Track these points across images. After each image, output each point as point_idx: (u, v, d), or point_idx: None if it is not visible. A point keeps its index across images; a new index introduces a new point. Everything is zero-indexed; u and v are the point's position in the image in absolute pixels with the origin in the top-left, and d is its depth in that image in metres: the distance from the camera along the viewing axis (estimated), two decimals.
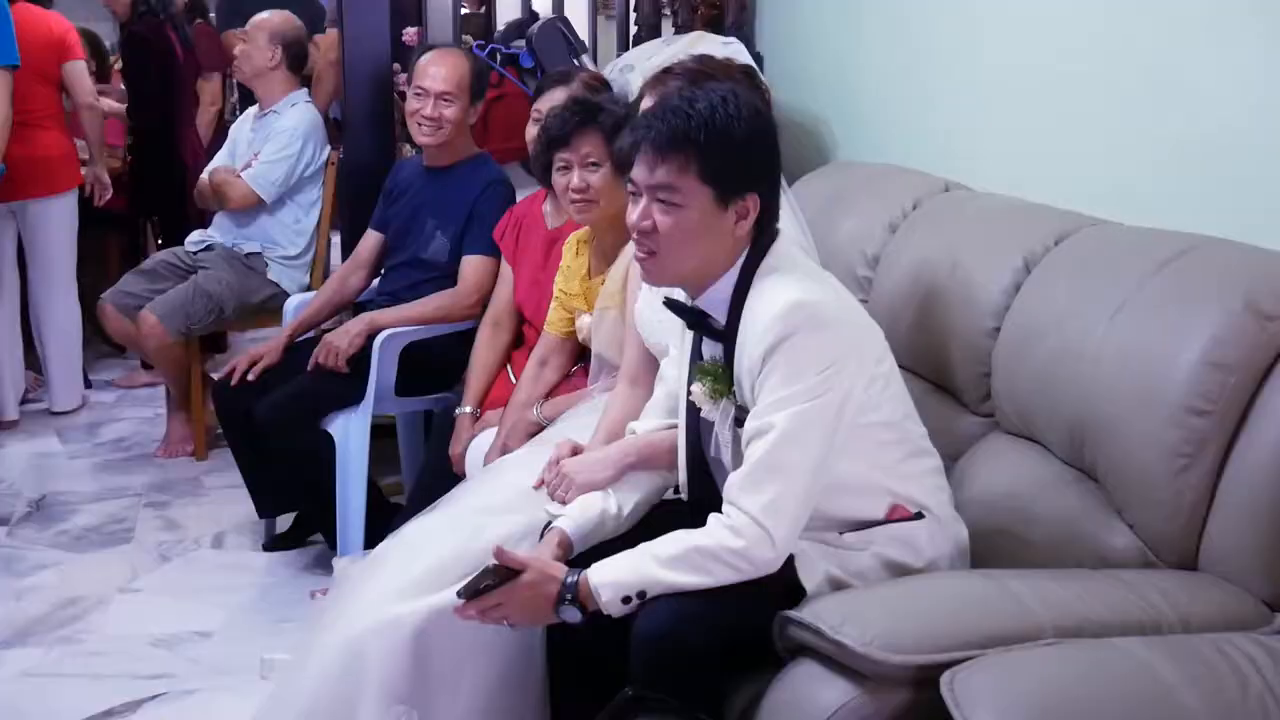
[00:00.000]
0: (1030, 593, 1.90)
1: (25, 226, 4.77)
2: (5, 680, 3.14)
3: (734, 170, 2.07)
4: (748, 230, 2.11)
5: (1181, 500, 1.96)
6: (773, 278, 2.09)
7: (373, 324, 3.63)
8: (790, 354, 1.99)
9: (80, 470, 4.51)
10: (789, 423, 1.98)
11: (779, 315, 2.00)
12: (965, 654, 1.77)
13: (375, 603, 2.38)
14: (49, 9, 4.82)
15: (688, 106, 2.08)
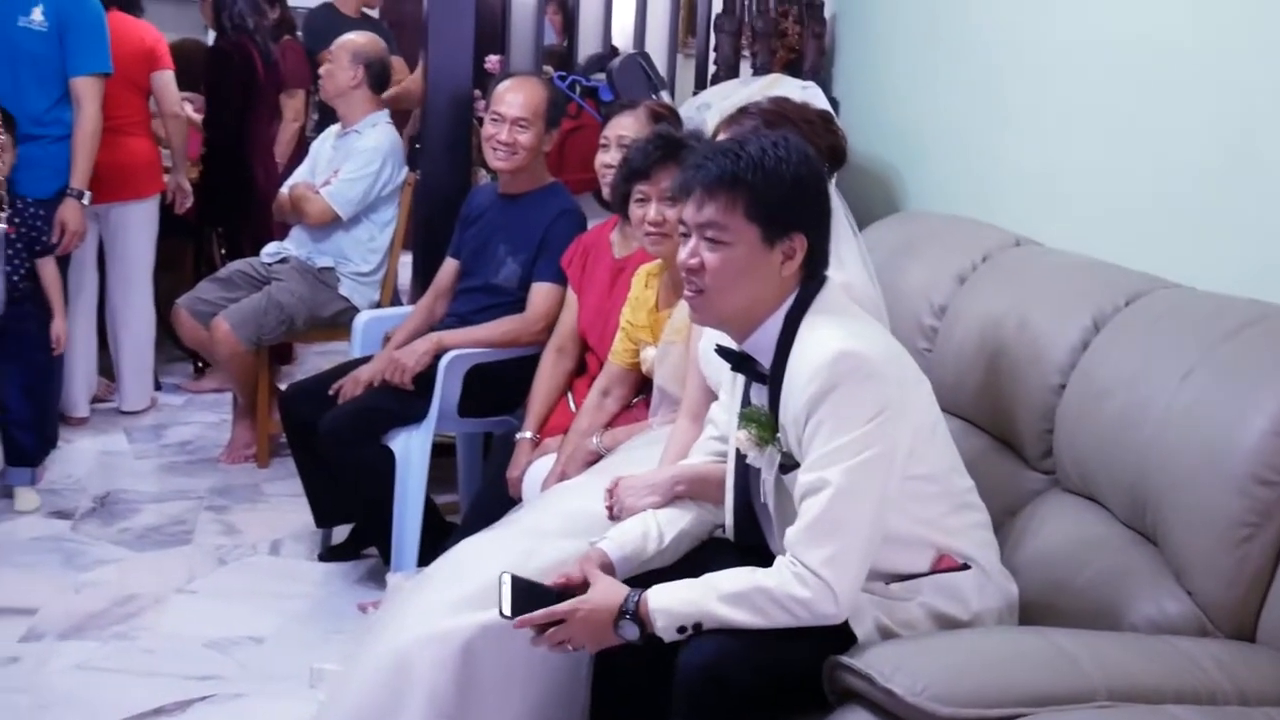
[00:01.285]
0: (1084, 653, 1.87)
1: (107, 229, 4.82)
2: (60, 671, 3.17)
3: (781, 210, 2.07)
4: (795, 272, 2.11)
5: (1243, 570, 1.93)
6: (819, 322, 2.07)
7: (440, 344, 3.64)
8: (838, 405, 1.98)
9: (145, 470, 4.54)
10: (843, 478, 1.96)
11: (825, 364, 1.99)
12: (1016, 711, 1.76)
13: (426, 615, 2.39)
14: (140, 19, 4.89)
15: (737, 149, 2.10)
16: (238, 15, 5.35)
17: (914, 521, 2.09)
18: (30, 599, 3.50)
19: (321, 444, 3.63)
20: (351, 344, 4.15)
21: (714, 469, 2.33)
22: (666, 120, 3.35)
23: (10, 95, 4.10)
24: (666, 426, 2.82)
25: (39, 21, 4.22)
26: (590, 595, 2.07)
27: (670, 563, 2.27)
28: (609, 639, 2.06)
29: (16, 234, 4.09)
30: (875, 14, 3.95)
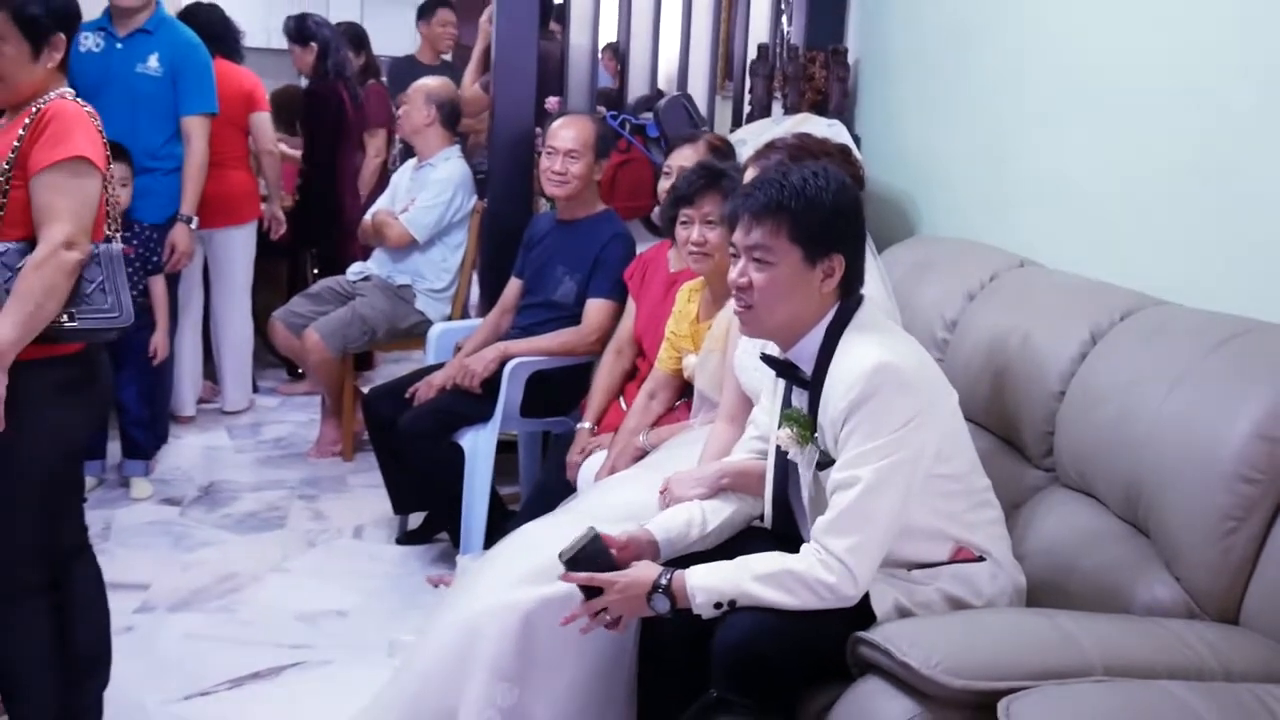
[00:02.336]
0: (1083, 633, 1.85)
1: (211, 251, 4.85)
2: (171, 640, 3.20)
3: (821, 233, 2.07)
4: (833, 288, 2.10)
5: (1228, 559, 1.91)
6: (859, 337, 2.07)
7: (505, 352, 3.65)
8: (874, 411, 1.98)
9: (244, 463, 4.56)
10: (873, 476, 1.96)
11: (865, 374, 1.99)
12: (1021, 683, 1.74)
13: (491, 589, 2.39)
14: (241, 65, 4.93)
15: (781, 178, 2.10)
16: (338, 63, 5.42)
17: (937, 516, 2.09)
18: (144, 576, 3.53)
19: (399, 440, 3.65)
20: (426, 352, 4.18)
21: (755, 464, 2.32)
22: (722, 152, 3.35)
23: (128, 133, 4.13)
24: (705, 427, 2.82)
25: (155, 68, 4.26)
26: (629, 571, 2.09)
27: (712, 546, 2.26)
28: (642, 610, 2.07)
29: (134, 254, 4.13)
30: (893, 59, 3.94)
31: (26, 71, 2.37)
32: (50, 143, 2.29)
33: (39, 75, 2.38)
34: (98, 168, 2.33)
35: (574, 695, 2.32)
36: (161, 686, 2.94)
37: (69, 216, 2.28)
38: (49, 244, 2.26)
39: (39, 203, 2.29)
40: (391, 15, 7.01)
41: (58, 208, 2.28)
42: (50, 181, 2.28)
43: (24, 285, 2.26)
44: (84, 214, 2.31)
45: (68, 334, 2.35)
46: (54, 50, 2.37)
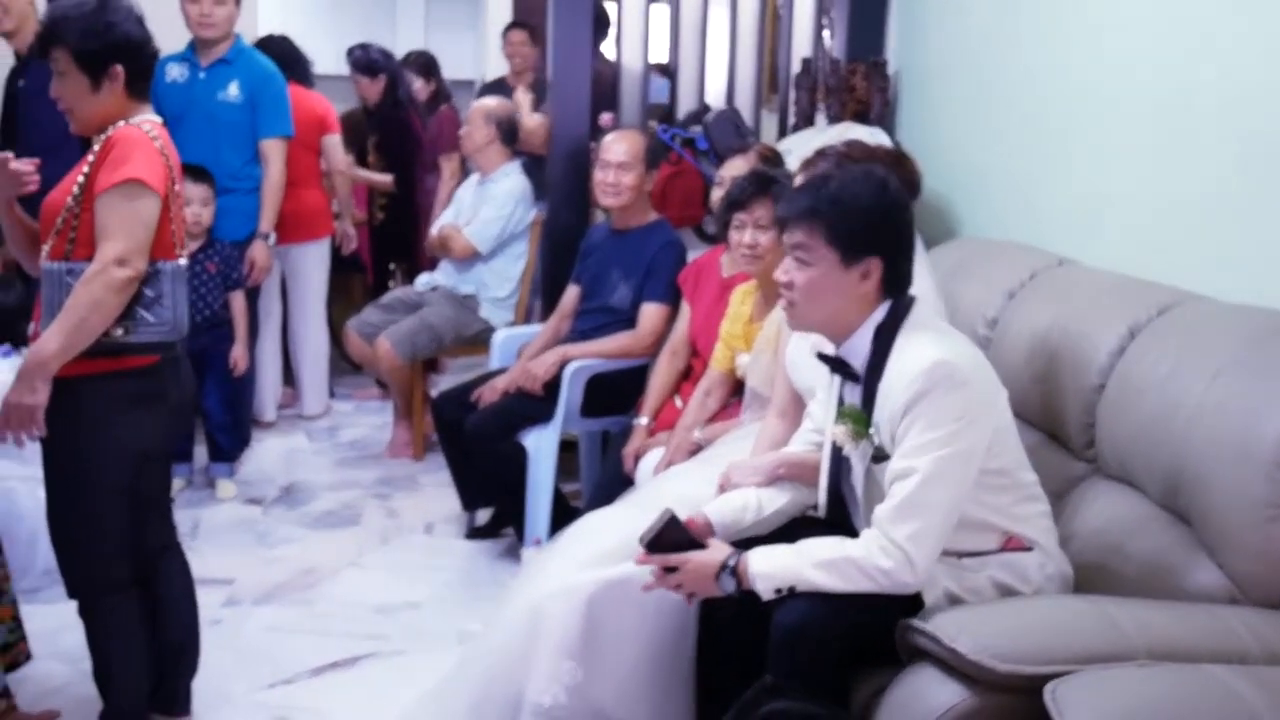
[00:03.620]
0: (1127, 618, 1.81)
1: (287, 266, 4.88)
2: (255, 630, 3.22)
3: (856, 237, 2.06)
4: (873, 289, 2.08)
5: (1269, 546, 1.86)
6: (916, 338, 2.05)
7: (565, 356, 3.66)
8: (931, 406, 1.96)
9: (322, 464, 4.59)
10: (931, 467, 1.94)
11: (923, 372, 1.97)
12: (1066, 668, 1.71)
13: (556, 574, 2.40)
14: (312, 90, 4.97)
15: (820, 184, 2.10)
16: (406, 91, 5.48)
17: (987, 509, 2.06)
18: (229, 571, 3.56)
19: (467, 441, 3.66)
20: (490, 357, 4.18)
21: (811, 456, 2.31)
22: (772, 162, 3.33)
23: (211, 156, 4.18)
24: (757, 423, 2.80)
25: (235, 95, 4.31)
26: (700, 553, 2.09)
27: (767, 532, 2.25)
28: (712, 589, 2.07)
29: (216, 270, 4.18)
30: (932, 69, 3.89)
31: (88, 102, 2.39)
32: (111, 166, 2.31)
33: (103, 105, 2.39)
34: (154, 190, 2.33)
35: (636, 675, 2.32)
36: (247, 676, 2.96)
37: (122, 235, 2.29)
38: (101, 261, 2.27)
39: (98, 222, 2.31)
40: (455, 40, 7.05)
41: (112, 227, 2.29)
42: (108, 202, 2.30)
43: (72, 299, 2.27)
44: (138, 233, 2.31)
45: (125, 347, 2.35)
46: (113, 81, 2.37)
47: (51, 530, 2.48)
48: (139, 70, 2.41)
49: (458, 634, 3.18)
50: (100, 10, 2.37)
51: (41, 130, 3.47)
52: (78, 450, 2.38)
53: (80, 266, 2.30)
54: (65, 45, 2.35)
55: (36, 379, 2.26)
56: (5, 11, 3.84)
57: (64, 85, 2.38)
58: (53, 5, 2.48)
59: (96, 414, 2.36)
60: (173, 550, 2.65)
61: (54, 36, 2.37)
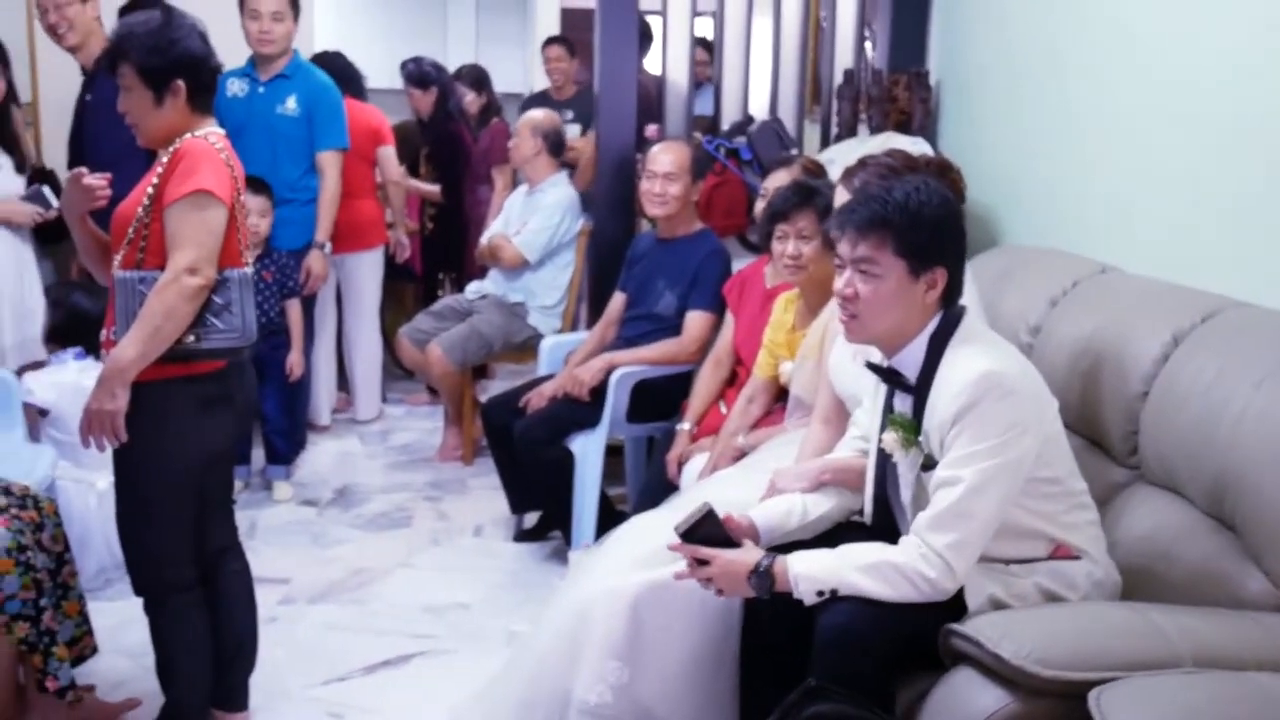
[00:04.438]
0: (1172, 625, 1.78)
1: (342, 274, 4.92)
2: (311, 628, 3.25)
3: (924, 246, 2.02)
4: (936, 299, 2.05)
5: None
6: (966, 348, 2.02)
7: (611, 363, 3.65)
8: (979, 416, 1.93)
9: (374, 468, 4.62)
10: (975, 477, 1.92)
11: (972, 382, 1.94)
12: (1110, 674, 1.67)
13: (603, 575, 2.39)
14: (367, 104, 5.01)
15: (885, 194, 2.05)
16: (457, 103, 5.51)
17: (1036, 517, 2.03)
18: (285, 570, 3.59)
19: (516, 445, 3.67)
20: (538, 363, 4.19)
21: (856, 461, 2.29)
22: (814, 174, 3.31)
23: (269, 168, 4.22)
24: (800, 429, 2.78)
25: (293, 109, 4.35)
26: (734, 551, 2.07)
27: (811, 536, 2.23)
28: (742, 589, 2.05)
29: (272, 279, 4.21)
30: (973, 79, 3.86)
31: (152, 116, 2.41)
32: (179, 178, 2.33)
33: (167, 118, 2.41)
34: (221, 200, 2.35)
35: (680, 675, 2.31)
36: (302, 672, 2.99)
37: (192, 245, 2.31)
38: (172, 270, 2.30)
39: (168, 232, 2.33)
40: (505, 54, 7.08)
41: (182, 237, 2.31)
42: (177, 213, 2.32)
43: (146, 308, 2.30)
44: (207, 242, 2.33)
45: (196, 353, 2.37)
46: (175, 95, 2.40)
47: (120, 530, 2.51)
48: (201, 85, 2.44)
49: (506, 634, 3.18)
50: (164, 27, 2.40)
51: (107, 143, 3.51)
52: (148, 453, 2.40)
53: (152, 275, 2.32)
54: (130, 61, 2.38)
55: (116, 385, 2.29)
56: (70, 27, 3.90)
57: (129, 99, 2.41)
58: (120, 22, 2.51)
59: (168, 418, 2.39)
60: (234, 550, 2.67)
61: (120, 52, 2.40)
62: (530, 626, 2.88)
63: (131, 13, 3.87)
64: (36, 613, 2.51)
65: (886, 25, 4.24)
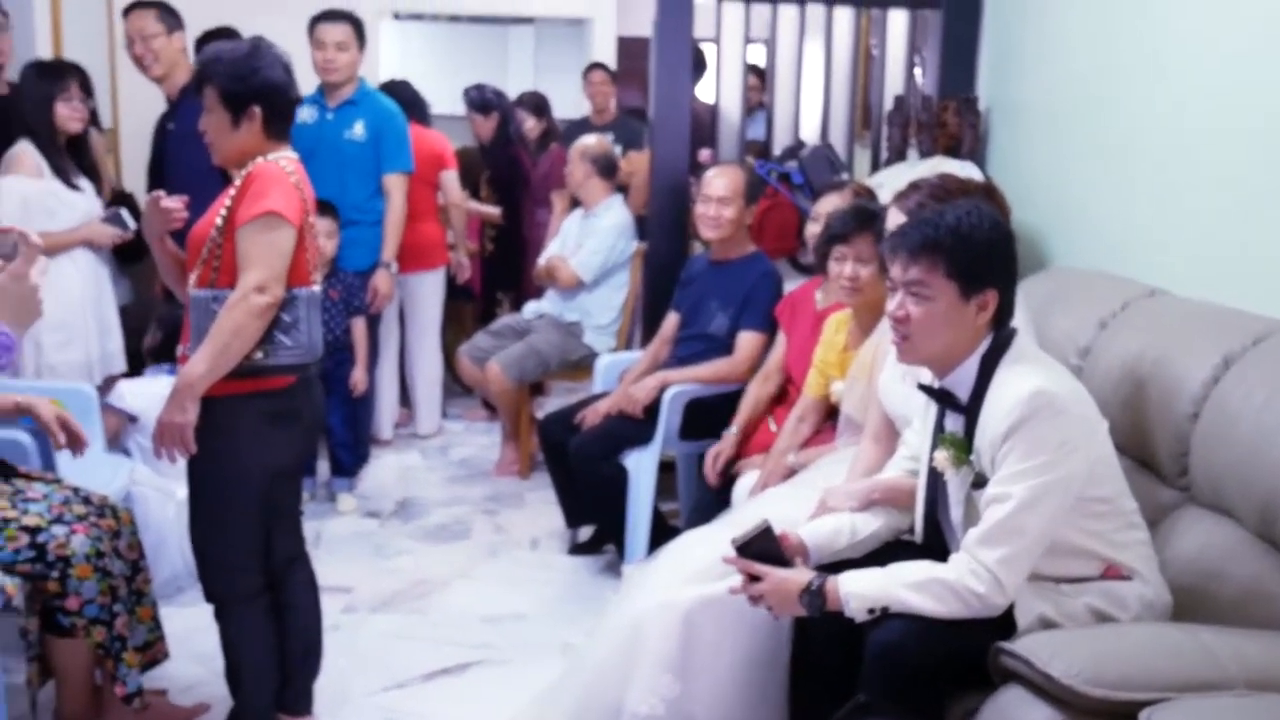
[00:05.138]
0: (1224, 647, 1.74)
1: (405, 294, 4.94)
2: (372, 636, 3.27)
3: (976, 269, 2.01)
4: (987, 321, 2.04)
5: None
6: (1017, 367, 2.00)
7: (664, 381, 3.66)
8: (1030, 434, 1.91)
9: (434, 481, 4.63)
10: (1026, 493, 1.90)
11: (1023, 400, 1.92)
12: (1160, 695, 1.65)
13: (656, 589, 2.39)
14: (430, 129, 5.06)
15: (937, 218, 2.04)
16: (517, 128, 5.56)
17: (1088, 536, 2.00)
18: (348, 580, 3.61)
19: (571, 461, 3.68)
20: (593, 381, 4.20)
21: (906, 481, 2.27)
22: (865, 199, 3.30)
23: (337, 191, 4.27)
24: (851, 447, 2.76)
25: (360, 134, 4.40)
26: (786, 570, 2.06)
27: (861, 555, 2.21)
28: (793, 607, 2.04)
29: (339, 298, 4.26)
30: (1022, 104, 3.82)
31: (228, 137, 2.46)
32: (250, 200, 2.37)
33: (241, 141, 2.46)
34: (290, 222, 2.38)
35: (731, 690, 2.30)
36: (364, 679, 3.00)
37: (261, 264, 2.34)
38: (242, 289, 2.34)
39: (239, 252, 2.37)
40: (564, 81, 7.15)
41: (252, 257, 2.35)
42: (248, 234, 2.36)
43: (216, 325, 2.33)
44: (276, 262, 2.36)
45: (264, 369, 2.40)
46: (251, 120, 2.44)
47: (192, 539, 2.55)
48: (277, 113, 2.48)
49: (561, 645, 3.18)
50: (249, 56, 2.45)
51: (187, 169, 3.58)
52: (219, 465, 2.44)
53: (224, 293, 2.36)
54: (214, 84, 2.44)
55: (186, 399, 2.33)
56: (155, 59, 3.98)
57: (209, 119, 2.47)
58: (211, 47, 2.57)
59: (238, 431, 2.43)
60: (301, 560, 2.70)
61: (206, 75, 2.47)
62: (584, 638, 2.88)
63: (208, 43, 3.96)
64: (110, 618, 2.55)
65: (936, 52, 4.22)
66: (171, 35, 4.00)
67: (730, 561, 2.09)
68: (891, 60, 4.52)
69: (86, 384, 3.55)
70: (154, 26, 3.94)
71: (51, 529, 2.50)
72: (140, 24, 3.96)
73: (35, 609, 2.53)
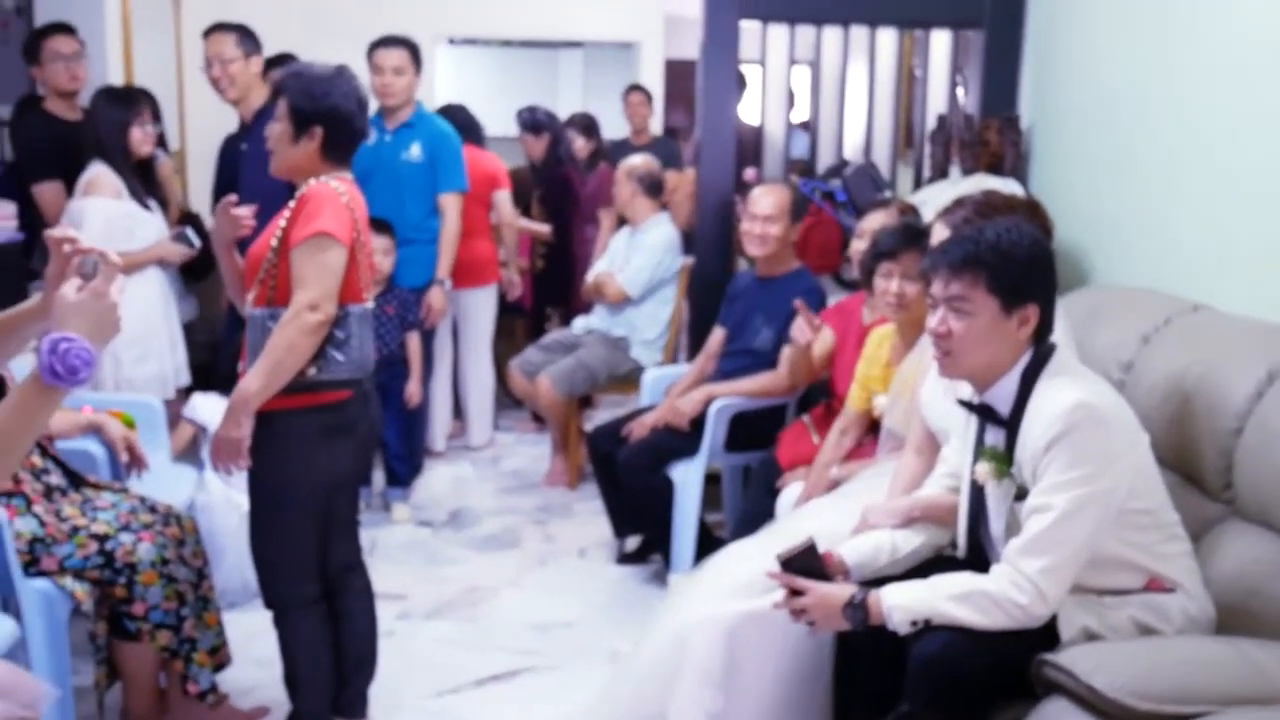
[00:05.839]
0: (1270, 660, 1.71)
1: (458, 309, 4.95)
2: (425, 642, 3.28)
3: (1016, 284, 1.99)
4: (1028, 335, 2.01)
5: None
6: (1057, 380, 1.98)
7: (710, 395, 3.64)
8: (1072, 445, 1.88)
9: (486, 491, 4.64)
10: (1068, 504, 1.87)
11: (1065, 412, 1.90)
12: (1205, 709, 1.62)
13: (700, 602, 2.37)
14: (484, 150, 5.10)
15: (977, 235, 2.03)
16: (567, 148, 5.59)
17: (1130, 548, 1.97)
18: (403, 587, 3.63)
19: (619, 472, 3.68)
20: (641, 395, 4.19)
21: (946, 498, 2.24)
22: (909, 217, 3.28)
23: (394, 210, 4.30)
24: (892, 460, 2.73)
25: (416, 155, 4.43)
26: (829, 585, 2.06)
27: (902, 570, 2.19)
28: (835, 621, 2.03)
29: (394, 313, 4.30)
30: (1063, 123, 3.78)
31: (286, 149, 2.50)
32: (303, 221, 2.39)
33: (297, 156, 2.49)
34: (341, 241, 2.40)
35: (774, 703, 2.28)
36: (417, 684, 3.02)
37: (314, 283, 2.36)
38: (294, 307, 2.36)
39: (293, 272, 2.39)
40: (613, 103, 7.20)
41: (304, 276, 2.37)
42: (300, 254, 2.38)
43: (270, 342, 2.35)
44: (327, 281, 2.38)
45: (318, 384, 2.42)
46: (310, 139, 2.47)
47: (252, 548, 2.58)
48: (338, 138, 2.50)
49: (608, 652, 3.17)
50: (324, 79, 2.48)
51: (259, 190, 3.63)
52: (277, 477, 2.46)
53: (280, 311, 2.39)
54: (287, 96, 2.48)
55: (241, 415, 2.36)
56: (232, 82, 4.00)
57: (275, 128, 2.51)
58: (298, 63, 2.62)
59: (294, 444, 2.45)
60: (357, 569, 2.72)
61: (282, 86, 2.51)
62: (631, 645, 2.87)
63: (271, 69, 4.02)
64: (178, 622, 2.58)
65: (979, 71, 4.19)
66: (249, 60, 4.02)
67: (774, 577, 2.08)
68: (934, 80, 4.49)
69: (158, 397, 3.61)
70: (233, 51, 3.97)
71: (119, 536, 2.54)
72: (220, 47, 3.98)
73: (103, 614, 2.57)
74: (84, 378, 1.47)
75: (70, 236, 1.60)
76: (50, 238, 1.62)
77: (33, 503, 2.55)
